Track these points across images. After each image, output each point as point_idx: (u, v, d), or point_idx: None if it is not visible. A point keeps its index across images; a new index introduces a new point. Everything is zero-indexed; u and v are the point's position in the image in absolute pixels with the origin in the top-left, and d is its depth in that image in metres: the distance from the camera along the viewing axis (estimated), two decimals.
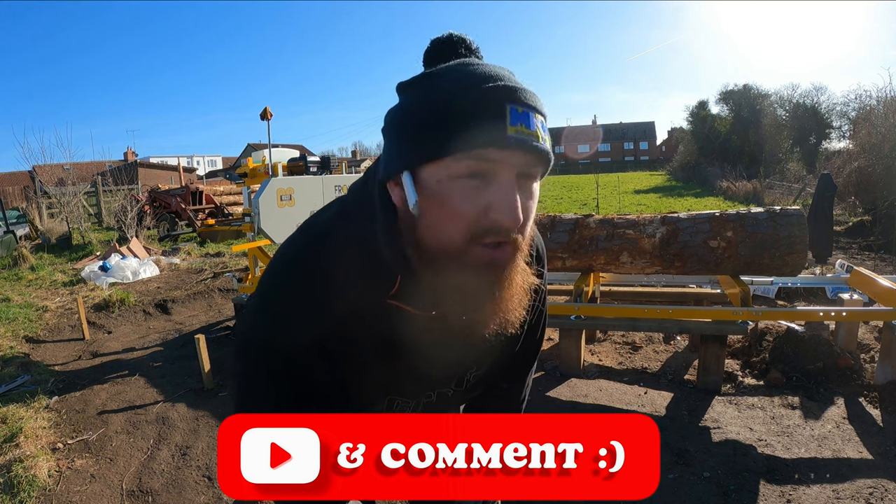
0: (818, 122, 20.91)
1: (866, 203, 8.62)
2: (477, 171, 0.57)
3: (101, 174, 14.33)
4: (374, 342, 0.70)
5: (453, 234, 0.59)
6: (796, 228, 2.86)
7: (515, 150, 0.57)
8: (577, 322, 3.06)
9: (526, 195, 0.60)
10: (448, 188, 0.58)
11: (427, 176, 0.59)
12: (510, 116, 0.57)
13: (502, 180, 0.58)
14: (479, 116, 0.56)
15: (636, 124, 60.59)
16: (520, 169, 0.59)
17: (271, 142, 4.01)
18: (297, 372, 0.70)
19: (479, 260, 0.60)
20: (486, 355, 0.81)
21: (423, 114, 0.59)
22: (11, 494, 2.24)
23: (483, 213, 0.58)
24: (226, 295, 5.61)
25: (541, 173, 0.62)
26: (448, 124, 0.57)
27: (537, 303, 0.86)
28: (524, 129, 0.57)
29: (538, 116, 0.59)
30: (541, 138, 0.59)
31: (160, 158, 37.13)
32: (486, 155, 0.56)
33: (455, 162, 0.57)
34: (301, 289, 0.67)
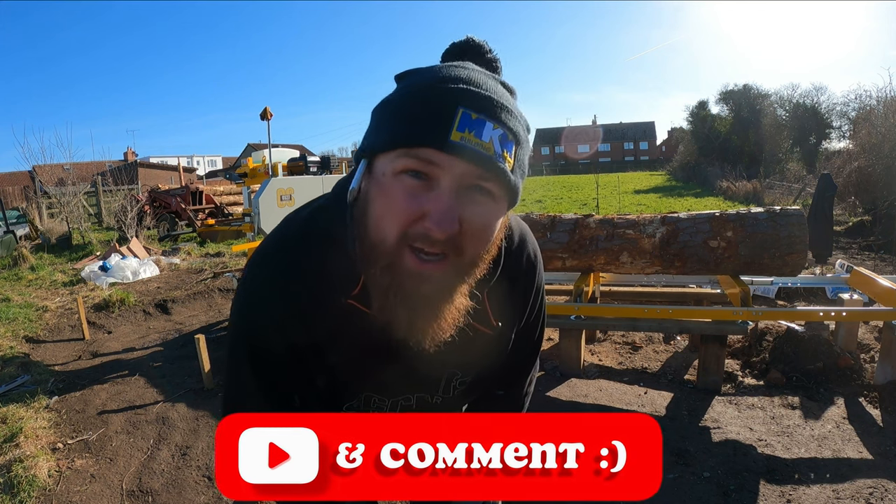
0: (818, 122, 20.91)
1: (866, 203, 8.62)
2: (417, 170, 0.56)
3: (101, 174, 14.34)
4: (340, 340, 0.70)
5: (388, 232, 0.58)
6: (796, 228, 2.86)
7: (456, 157, 0.54)
8: (577, 322, 3.06)
9: (475, 209, 0.57)
10: (390, 183, 0.57)
11: (377, 168, 0.59)
12: (459, 120, 0.54)
13: (442, 186, 0.55)
14: (425, 115, 0.55)
15: (636, 124, 60.59)
16: (462, 179, 0.56)
17: (271, 142, 4.01)
18: (267, 362, 0.72)
19: (408, 267, 0.58)
20: (468, 361, 0.78)
21: (387, 106, 0.60)
22: (11, 494, 2.24)
23: (417, 218, 0.56)
24: (226, 295, 5.61)
25: (502, 195, 0.59)
26: (400, 118, 0.57)
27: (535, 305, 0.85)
28: (471, 137, 0.54)
29: (499, 129, 0.56)
30: (493, 151, 0.55)
31: (160, 158, 37.14)
32: (426, 156, 0.55)
33: (399, 157, 0.56)
34: (273, 280, 0.69)
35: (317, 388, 0.76)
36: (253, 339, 0.72)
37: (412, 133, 0.55)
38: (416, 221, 0.57)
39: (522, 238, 0.80)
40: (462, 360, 0.77)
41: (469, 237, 0.58)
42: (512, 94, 0.63)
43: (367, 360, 0.73)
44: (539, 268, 0.83)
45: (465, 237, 0.58)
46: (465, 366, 0.80)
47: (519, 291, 0.80)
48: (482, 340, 0.74)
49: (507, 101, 0.59)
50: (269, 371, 0.73)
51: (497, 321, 0.75)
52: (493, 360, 0.81)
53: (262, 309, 0.70)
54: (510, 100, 0.60)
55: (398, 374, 0.75)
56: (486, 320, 0.73)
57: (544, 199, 16.62)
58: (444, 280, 0.60)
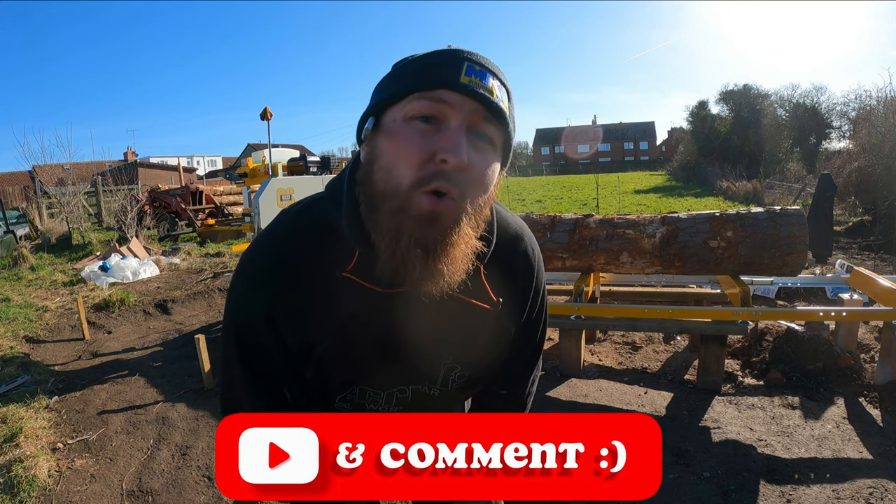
0: (818, 122, 20.91)
1: (866, 203, 8.62)
2: (429, 112, 0.61)
3: (101, 174, 14.34)
4: (333, 319, 0.71)
5: (401, 176, 0.61)
6: (796, 228, 2.86)
7: (467, 97, 0.60)
8: (577, 322, 3.06)
9: (477, 153, 0.62)
10: (401, 128, 0.62)
11: (387, 119, 0.64)
12: (465, 68, 0.61)
13: (452, 125, 0.60)
14: (436, 64, 0.62)
15: (636, 124, 60.59)
16: (471, 119, 0.61)
17: (271, 142, 4.01)
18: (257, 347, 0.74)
19: (420, 209, 0.60)
20: (467, 350, 0.78)
21: (394, 71, 0.66)
22: (11, 494, 2.24)
23: (430, 157, 0.60)
24: (225, 295, 5.60)
25: (499, 143, 0.65)
26: (408, 72, 0.63)
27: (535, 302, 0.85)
28: (478, 82, 0.61)
29: (496, 81, 0.63)
30: (495, 95, 0.62)
31: (160, 158, 37.13)
32: (439, 96, 0.60)
33: (409, 103, 0.61)
34: (261, 269, 0.72)
35: (307, 380, 0.76)
36: (242, 330, 0.74)
37: (426, 77, 0.61)
38: (428, 161, 0.60)
39: (519, 231, 0.81)
40: (461, 346, 0.77)
41: (471, 177, 0.62)
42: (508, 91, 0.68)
43: (360, 349, 0.73)
44: (539, 265, 0.84)
45: (469, 177, 0.62)
46: (464, 355, 0.79)
47: (518, 279, 0.80)
48: (481, 319, 0.75)
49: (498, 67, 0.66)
50: (259, 362, 0.75)
51: (497, 297, 0.75)
52: (492, 350, 0.80)
53: (250, 299, 0.72)
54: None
55: (394, 359, 0.75)
56: (485, 295, 0.74)
57: (544, 199, 16.63)
58: (450, 220, 0.62)
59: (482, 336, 0.77)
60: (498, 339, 0.80)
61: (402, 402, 0.83)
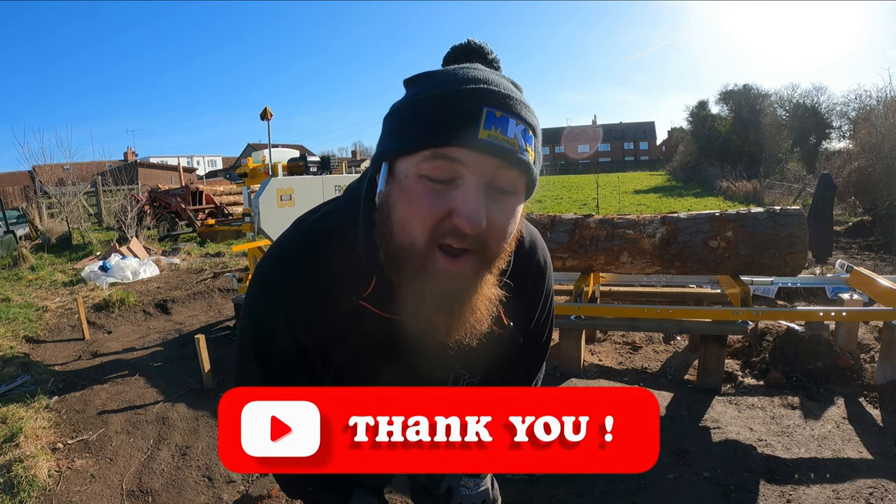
0: (818, 122, 20.91)
1: (866, 203, 8.62)
2: (443, 175, 0.56)
3: (101, 174, 14.33)
4: (347, 341, 0.71)
5: (416, 234, 0.58)
6: (796, 228, 2.85)
7: (485, 155, 0.55)
8: (577, 322, 3.06)
9: (497, 206, 0.58)
10: (414, 184, 0.57)
11: (400, 169, 0.59)
12: (485, 119, 0.55)
13: (468, 185, 0.56)
14: (451, 115, 0.55)
15: (636, 124, 60.57)
16: (490, 176, 0.57)
17: (271, 142, 4.01)
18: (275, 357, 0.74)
19: (438, 269, 0.59)
20: (476, 361, 0.79)
21: (405, 109, 0.60)
22: (11, 494, 2.24)
23: (445, 216, 0.57)
24: (226, 295, 5.61)
25: (522, 189, 0.60)
26: (421, 120, 0.57)
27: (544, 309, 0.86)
28: (498, 135, 0.55)
29: (521, 125, 0.57)
30: (518, 147, 0.56)
31: (160, 158, 37.13)
32: (454, 155, 0.55)
33: (424, 159, 0.57)
34: (280, 285, 0.70)
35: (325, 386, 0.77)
36: (260, 339, 0.74)
37: (439, 133, 0.55)
38: (442, 220, 0.57)
39: (533, 242, 0.80)
40: (471, 360, 0.77)
41: (493, 233, 0.59)
42: (520, 90, 0.64)
43: (375, 361, 0.73)
44: (549, 273, 0.84)
45: (490, 233, 0.58)
46: (473, 366, 0.80)
47: (529, 294, 0.80)
48: (493, 340, 0.74)
49: (523, 98, 0.60)
50: (275, 372, 0.74)
51: (508, 321, 0.75)
52: (501, 361, 0.81)
53: (269, 310, 0.71)
54: (521, 94, 0.61)
55: (405, 374, 0.75)
56: (498, 320, 0.72)
57: (544, 199, 16.62)
58: (472, 273, 0.61)
59: (492, 353, 0.77)
60: (507, 351, 0.80)
61: None
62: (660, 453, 0.61)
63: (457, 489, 1.04)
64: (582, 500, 2.05)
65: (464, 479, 1.04)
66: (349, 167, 12.21)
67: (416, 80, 0.63)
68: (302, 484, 0.88)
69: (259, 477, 2.36)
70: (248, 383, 0.79)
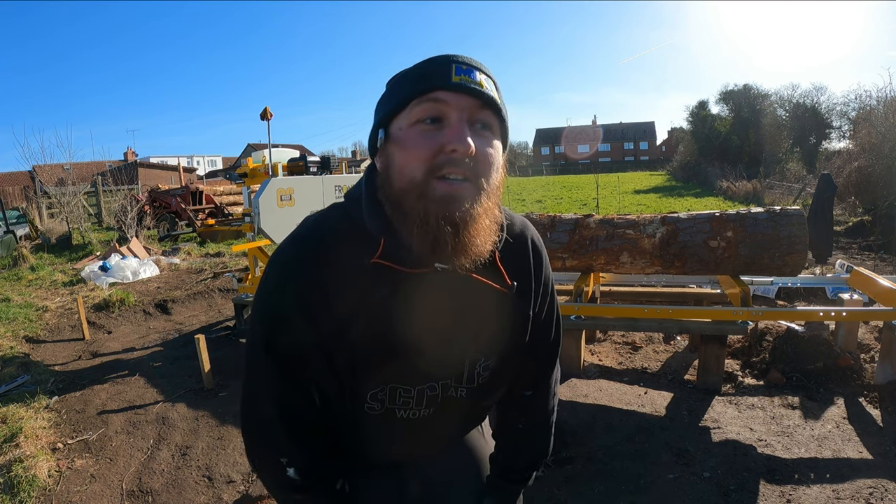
0: (818, 122, 20.90)
1: (866, 203, 8.62)
2: (430, 114, 0.68)
3: (101, 174, 14.32)
4: (361, 308, 0.73)
5: (415, 171, 0.67)
6: (796, 228, 2.85)
7: (461, 94, 0.67)
8: (577, 322, 3.06)
9: (480, 140, 0.69)
10: (408, 133, 0.69)
11: (394, 129, 0.71)
12: (454, 70, 0.68)
13: (453, 120, 0.68)
14: (428, 69, 0.69)
15: (636, 124, 60.56)
16: (469, 112, 0.68)
17: (271, 142, 4.01)
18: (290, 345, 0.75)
19: (440, 192, 0.67)
20: (489, 340, 0.80)
21: (392, 84, 0.73)
22: (11, 494, 2.24)
23: (439, 150, 0.66)
24: (226, 295, 5.61)
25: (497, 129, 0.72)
26: (406, 82, 0.70)
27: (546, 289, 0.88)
28: (467, 79, 0.68)
29: (482, 76, 0.70)
30: (485, 87, 0.69)
31: (160, 158, 37.12)
32: (436, 97, 0.67)
33: (411, 110, 0.68)
34: (294, 258, 0.75)
35: (338, 374, 0.76)
36: (272, 329, 0.76)
37: (422, 83, 0.68)
38: (437, 154, 0.67)
39: (524, 226, 0.87)
40: (482, 333, 0.80)
41: (481, 161, 0.69)
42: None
43: (389, 332, 0.74)
44: (545, 256, 0.89)
45: (478, 161, 0.68)
46: (487, 347, 0.81)
47: (529, 266, 0.85)
48: (499, 300, 0.79)
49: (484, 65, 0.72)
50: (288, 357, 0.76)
51: (511, 281, 0.79)
52: (511, 337, 0.83)
53: (282, 289, 0.75)
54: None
55: (420, 358, 0.76)
56: (501, 279, 0.78)
57: (544, 199, 16.62)
58: (471, 198, 0.68)
59: (500, 319, 0.81)
60: (514, 324, 0.83)
61: (431, 403, 0.82)
62: (660, 453, 0.61)
63: None
64: (581, 499, 2.05)
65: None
66: (349, 167, 12.22)
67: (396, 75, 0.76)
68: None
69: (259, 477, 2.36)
70: (259, 380, 0.79)
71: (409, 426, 0.84)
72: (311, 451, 0.80)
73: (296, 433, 0.79)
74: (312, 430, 0.80)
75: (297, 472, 0.79)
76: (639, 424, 2.56)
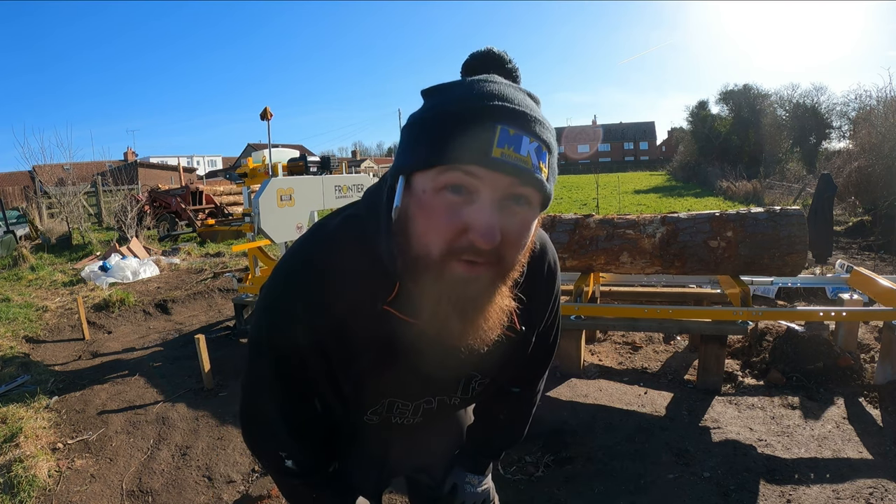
0: (818, 122, 20.90)
1: (866, 203, 8.62)
2: (459, 185, 0.57)
3: (101, 174, 14.31)
4: (370, 345, 0.72)
5: (432, 247, 0.59)
6: (796, 228, 2.85)
7: (499, 172, 0.56)
8: (577, 322, 3.06)
9: (511, 220, 0.59)
10: (431, 199, 0.59)
11: (417, 184, 0.60)
12: (499, 136, 0.56)
13: (483, 200, 0.57)
14: (467, 132, 0.57)
15: (636, 124, 60.56)
16: (504, 191, 0.58)
17: (271, 142, 4.01)
18: (295, 368, 0.74)
19: (455, 275, 0.60)
20: (489, 364, 0.80)
21: (421, 123, 0.61)
22: (11, 494, 2.24)
23: (461, 232, 0.58)
24: (226, 295, 5.61)
25: (536, 203, 0.61)
26: (438, 136, 0.58)
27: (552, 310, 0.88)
28: (511, 153, 0.56)
29: (535, 142, 0.58)
30: (531, 165, 0.58)
31: (160, 158, 37.12)
32: (469, 171, 0.57)
33: (440, 174, 0.58)
34: (304, 289, 0.69)
35: (342, 395, 0.78)
36: (278, 347, 0.72)
37: (453, 151, 0.57)
38: (459, 235, 0.58)
39: (543, 247, 0.82)
40: (484, 363, 0.78)
41: (508, 245, 0.60)
42: (538, 103, 0.64)
43: (395, 365, 0.73)
44: (558, 276, 0.86)
45: (505, 245, 0.60)
46: (486, 368, 0.81)
47: (540, 297, 0.82)
48: (507, 344, 0.75)
49: (538, 114, 0.61)
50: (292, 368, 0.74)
51: (521, 325, 0.76)
52: (512, 362, 0.83)
53: (290, 310, 0.70)
54: (539, 111, 0.62)
55: (422, 377, 0.76)
56: (512, 325, 0.74)
57: None
58: (488, 282, 0.62)
59: (505, 355, 0.79)
60: (520, 352, 0.82)
61: (427, 413, 0.86)
62: (660, 453, 0.61)
63: (461, 487, 1.05)
64: (581, 499, 2.05)
65: (468, 476, 1.05)
66: (349, 167, 12.22)
67: (432, 93, 0.64)
68: (305, 493, 0.88)
69: (259, 477, 2.36)
70: (260, 380, 0.78)
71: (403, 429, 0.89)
72: (309, 448, 0.83)
73: (296, 434, 0.81)
74: (311, 428, 0.82)
75: (295, 464, 0.82)
76: (639, 424, 2.56)
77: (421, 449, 1.05)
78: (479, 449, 1.06)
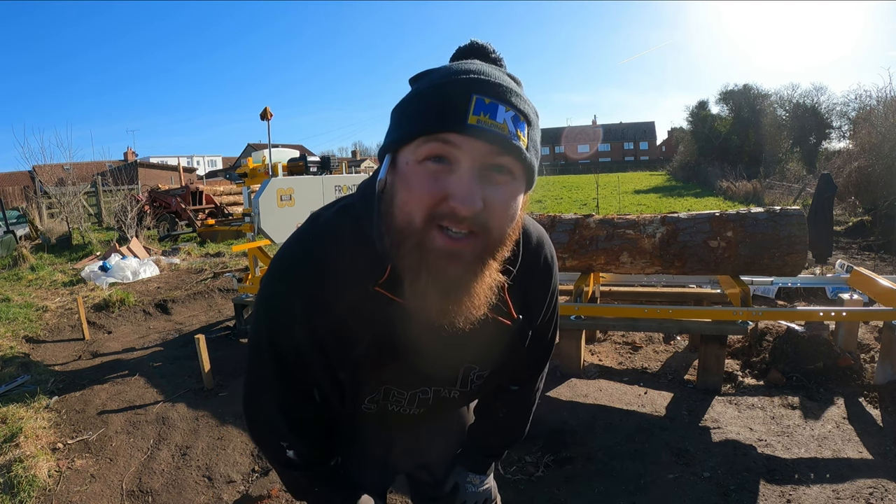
0: (818, 122, 20.89)
1: (866, 203, 8.62)
2: (439, 153, 0.59)
3: (101, 174, 14.32)
4: (366, 329, 0.73)
5: (414, 215, 0.60)
6: (796, 228, 2.85)
7: (476, 139, 0.57)
8: (577, 322, 3.06)
9: (494, 189, 0.60)
10: (413, 170, 0.60)
11: (401, 159, 0.62)
12: (474, 105, 0.58)
13: (463, 169, 0.58)
14: (443, 103, 0.59)
15: (636, 124, 60.58)
16: (483, 159, 0.59)
17: (271, 142, 4.01)
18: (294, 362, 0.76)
19: (438, 245, 0.60)
20: (486, 354, 0.81)
21: (404, 104, 0.64)
22: (11, 494, 2.24)
23: (443, 198, 0.59)
24: (226, 295, 5.61)
25: (519, 174, 0.62)
26: (417, 110, 0.61)
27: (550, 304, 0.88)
28: (486, 119, 0.58)
29: (511, 111, 0.59)
30: (507, 131, 0.59)
31: (160, 158, 37.13)
32: (447, 139, 0.58)
33: (420, 146, 0.60)
34: (301, 279, 0.72)
35: (339, 382, 0.79)
36: (277, 331, 0.75)
37: (432, 121, 0.59)
38: (440, 202, 0.59)
39: (540, 240, 0.82)
40: (481, 352, 0.79)
41: (493, 215, 0.61)
42: (518, 84, 0.65)
43: (390, 350, 0.74)
44: (555, 270, 0.86)
45: (490, 215, 0.60)
46: (483, 359, 0.82)
47: (537, 289, 0.83)
48: (502, 332, 0.76)
49: (516, 88, 0.62)
50: (291, 362, 0.76)
51: (517, 314, 0.76)
52: (510, 354, 0.83)
53: (288, 300, 0.72)
54: (519, 88, 0.63)
55: (419, 365, 0.77)
56: (507, 312, 0.75)
57: (544, 199, 16.61)
58: (473, 257, 0.62)
59: (501, 344, 0.79)
60: (515, 344, 0.82)
61: (423, 404, 0.86)
62: (660, 453, 0.61)
63: (462, 486, 1.05)
64: (581, 499, 2.05)
65: (469, 475, 1.05)
66: (349, 167, 12.23)
67: (417, 78, 0.67)
68: (307, 486, 0.90)
69: (259, 477, 2.36)
70: (261, 379, 0.80)
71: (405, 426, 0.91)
72: (309, 439, 0.85)
73: (296, 426, 0.83)
74: (311, 422, 0.84)
75: (297, 455, 0.84)
76: (639, 424, 2.56)
77: (423, 447, 1.05)
78: (480, 448, 1.07)
